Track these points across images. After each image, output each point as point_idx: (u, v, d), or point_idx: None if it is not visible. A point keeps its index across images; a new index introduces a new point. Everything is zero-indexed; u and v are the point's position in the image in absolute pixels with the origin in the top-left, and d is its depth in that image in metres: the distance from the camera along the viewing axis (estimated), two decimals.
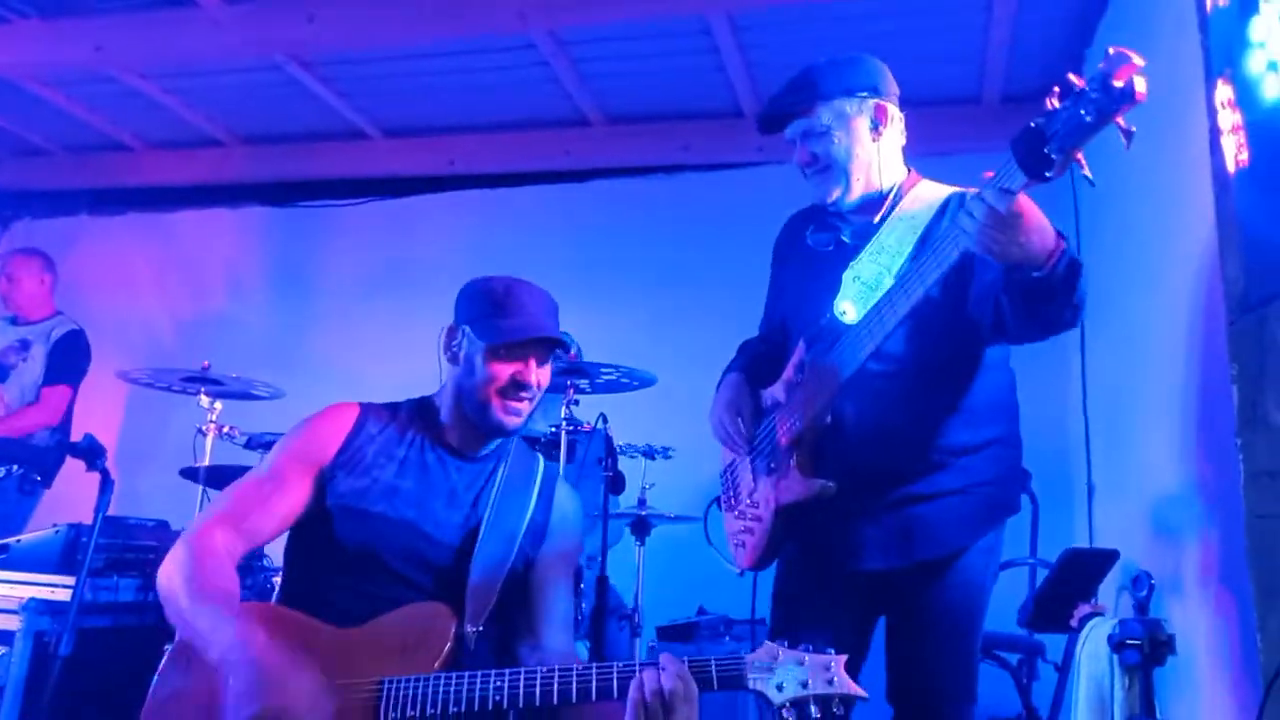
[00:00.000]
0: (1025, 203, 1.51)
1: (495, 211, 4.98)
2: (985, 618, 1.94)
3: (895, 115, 1.95)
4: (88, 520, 2.43)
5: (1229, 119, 2.04)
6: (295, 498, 1.74)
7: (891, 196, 1.95)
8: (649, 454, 3.34)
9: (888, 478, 1.89)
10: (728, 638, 3.34)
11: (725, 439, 2.09)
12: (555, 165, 4.83)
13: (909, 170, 2.01)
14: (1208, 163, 2.13)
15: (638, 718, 1.44)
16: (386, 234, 5.11)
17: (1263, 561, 1.98)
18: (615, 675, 1.49)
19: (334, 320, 5.02)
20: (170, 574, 1.64)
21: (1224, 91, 2.07)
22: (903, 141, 1.99)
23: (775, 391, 2.02)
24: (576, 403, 3.12)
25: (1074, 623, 2.33)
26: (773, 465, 1.98)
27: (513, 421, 1.78)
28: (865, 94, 1.92)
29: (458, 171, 4.93)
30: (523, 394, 1.77)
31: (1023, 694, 3.04)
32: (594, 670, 1.50)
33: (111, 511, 2.44)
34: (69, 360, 4.18)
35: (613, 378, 3.12)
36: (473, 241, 4.88)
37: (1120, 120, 1.33)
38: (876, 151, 1.93)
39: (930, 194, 1.95)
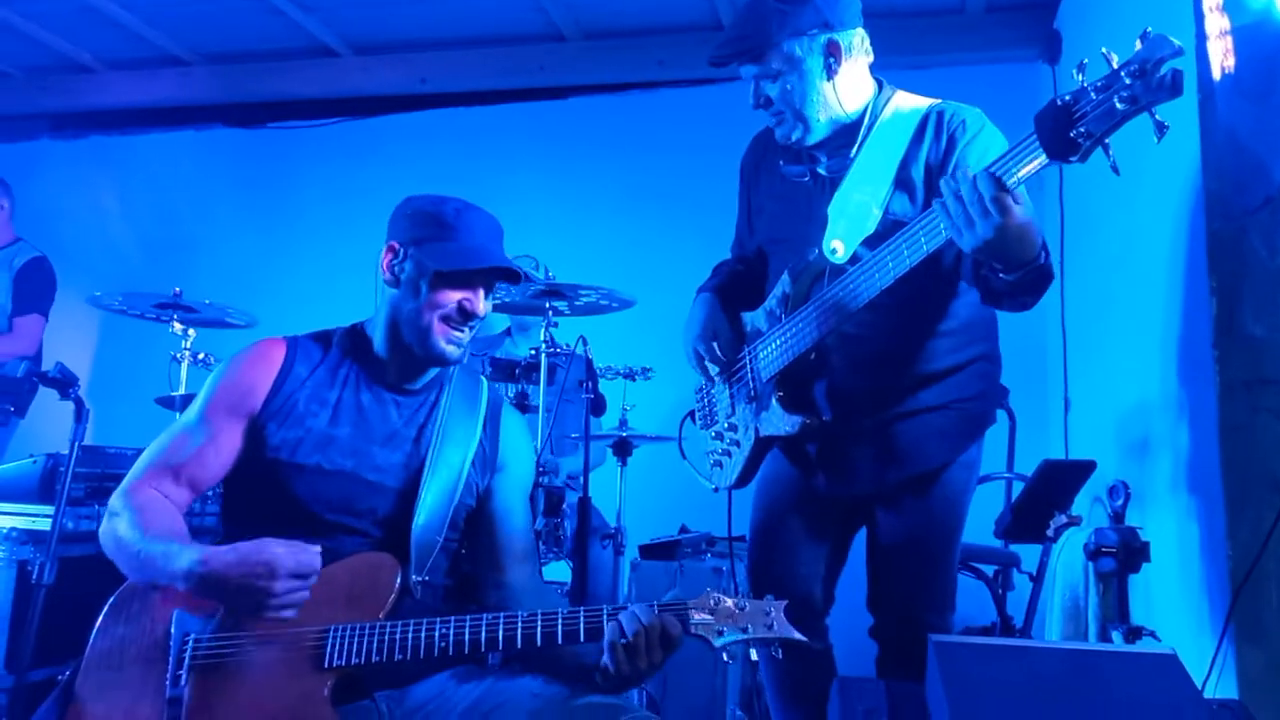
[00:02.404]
0: (1021, 212, 1.47)
1: (469, 131, 4.88)
2: (964, 529, 1.97)
3: (854, 43, 1.88)
4: (65, 449, 2.40)
5: (1217, 24, 2.00)
6: (227, 448, 1.68)
7: (866, 120, 1.90)
8: (629, 375, 3.33)
9: (874, 403, 1.89)
10: (710, 555, 3.38)
11: (700, 366, 2.07)
12: (529, 82, 4.71)
13: (879, 85, 1.95)
14: (1193, 69, 2.10)
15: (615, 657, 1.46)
16: (358, 155, 5.00)
17: (1235, 471, 2.01)
18: (560, 623, 1.49)
19: (305, 243, 4.94)
20: (113, 527, 1.60)
21: None
22: (868, 60, 1.92)
23: (756, 319, 2.01)
24: (556, 325, 3.10)
25: (1051, 533, 2.37)
26: (753, 394, 1.98)
27: (453, 351, 1.71)
28: (815, 31, 1.84)
29: (429, 90, 4.80)
30: (467, 324, 1.70)
31: (998, 604, 3.11)
32: (539, 618, 1.50)
33: (89, 440, 2.41)
34: (36, 288, 4.11)
35: (592, 299, 3.09)
36: (447, 162, 4.78)
37: (1155, 113, 1.26)
38: (832, 88, 1.87)
39: (907, 108, 1.90)
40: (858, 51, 1.89)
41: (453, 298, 1.68)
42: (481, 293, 1.71)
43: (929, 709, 1.46)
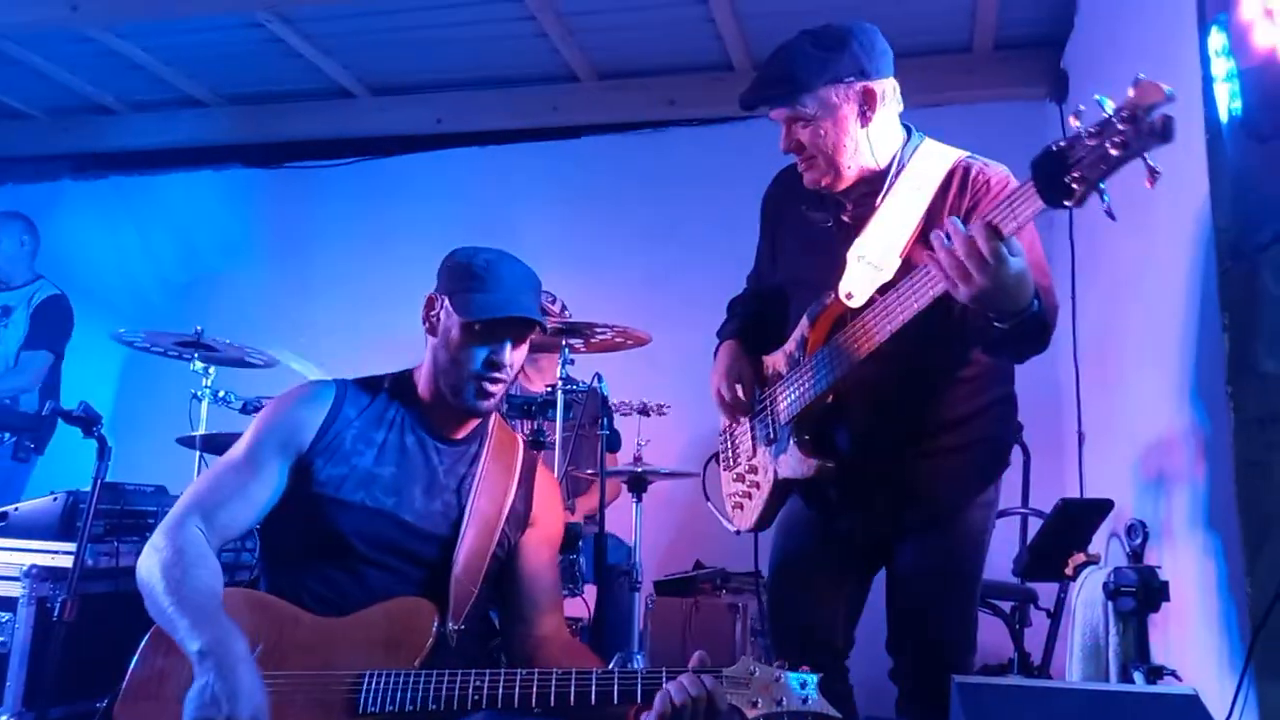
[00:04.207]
0: (1016, 261, 1.48)
1: (485, 170, 4.94)
2: (983, 570, 1.96)
3: (887, 91, 1.87)
4: (85, 487, 2.42)
5: (1223, 66, 2.02)
6: (273, 486, 1.71)
7: (893, 170, 1.89)
8: (643, 411, 3.35)
9: (892, 447, 1.89)
10: (725, 591, 3.38)
11: (726, 409, 2.08)
12: (543, 122, 4.78)
13: (908, 133, 1.94)
14: (1200, 111, 2.12)
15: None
16: (375, 194, 5.06)
17: (1252, 508, 2.01)
18: (594, 683, 1.50)
19: (324, 282, 4.99)
20: (150, 568, 1.61)
21: (1218, 39, 2.06)
22: (899, 108, 1.92)
23: (776, 362, 2.02)
24: (572, 362, 3.12)
25: (1069, 572, 2.36)
26: (772, 436, 1.99)
27: (487, 404, 1.75)
28: (852, 79, 1.83)
29: (445, 130, 4.88)
30: (497, 375, 1.73)
31: (1016, 640, 3.09)
32: (573, 677, 1.51)
33: (109, 477, 2.43)
34: (50, 325, 4.15)
35: (607, 337, 3.11)
36: (463, 201, 4.84)
37: (1148, 158, 1.27)
38: (866, 136, 1.86)
39: (936, 159, 1.89)
40: (890, 100, 1.88)
41: (481, 352, 1.71)
42: (509, 345, 1.74)
43: None
